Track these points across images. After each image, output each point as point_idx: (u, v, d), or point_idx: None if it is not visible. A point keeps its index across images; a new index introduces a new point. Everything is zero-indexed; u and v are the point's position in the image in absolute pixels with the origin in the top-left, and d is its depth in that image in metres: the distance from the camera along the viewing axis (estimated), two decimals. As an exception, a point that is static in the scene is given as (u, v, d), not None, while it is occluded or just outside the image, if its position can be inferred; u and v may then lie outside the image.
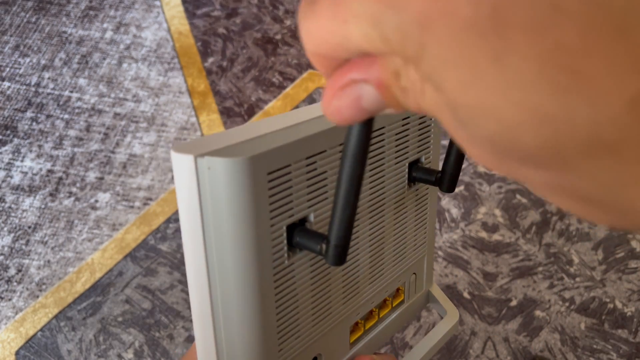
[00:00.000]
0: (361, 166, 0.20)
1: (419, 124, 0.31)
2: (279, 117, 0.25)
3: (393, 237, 0.31)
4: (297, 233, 0.24)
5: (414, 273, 0.35)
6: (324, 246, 0.23)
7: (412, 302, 0.35)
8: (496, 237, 1.09)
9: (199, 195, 0.22)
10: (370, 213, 0.29)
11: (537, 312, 0.99)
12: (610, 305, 1.00)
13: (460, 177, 1.17)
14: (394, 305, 0.34)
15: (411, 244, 0.33)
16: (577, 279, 1.03)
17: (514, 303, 1.00)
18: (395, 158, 0.30)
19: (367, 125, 0.19)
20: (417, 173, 0.31)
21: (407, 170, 0.31)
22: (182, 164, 0.22)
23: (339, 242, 0.22)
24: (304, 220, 0.25)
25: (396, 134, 0.29)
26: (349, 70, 0.15)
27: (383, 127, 0.28)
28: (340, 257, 0.23)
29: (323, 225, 0.26)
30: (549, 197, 0.13)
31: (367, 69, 0.15)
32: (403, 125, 0.30)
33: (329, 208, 0.26)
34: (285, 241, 0.24)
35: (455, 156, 0.28)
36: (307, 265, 0.26)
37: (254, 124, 0.24)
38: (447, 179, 0.29)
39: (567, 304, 1.00)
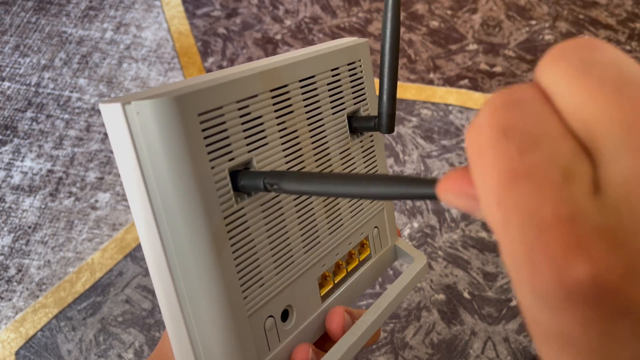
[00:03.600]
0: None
1: (350, 76, 0.32)
2: (222, 70, 0.26)
3: None
4: (242, 176, 0.24)
5: (376, 227, 0.35)
6: (267, 184, 0.24)
7: (380, 256, 0.36)
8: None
9: (132, 143, 0.22)
10: (317, 162, 0.30)
11: (537, 312, 0.99)
12: (611, 305, 1.00)
13: (460, 177, 1.17)
14: (361, 259, 0.35)
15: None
16: (577, 279, 1.03)
17: (514, 303, 1.00)
18: (332, 109, 0.31)
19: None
20: (357, 123, 0.32)
21: (346, 122, 0.32)
22: (111, 115, 0.22)
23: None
24: (247, 167, 0.25)
25: (328, 84, 0.30)
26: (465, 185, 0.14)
27: (313, 76, 0.29)
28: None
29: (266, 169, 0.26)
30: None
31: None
32: (333, 77, 0.31)
33: (270, 153, 0.26)
34: (230, 185, 0.24)
35: (388, 96, 0.29)
36: (259, 210, 0.26)
37: (193, 77, 0.25)
38: (384, 120, 0.30)
39: (567, 304, 1.00)
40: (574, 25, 1.49)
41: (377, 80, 0.31)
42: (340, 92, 0.31)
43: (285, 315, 0.29)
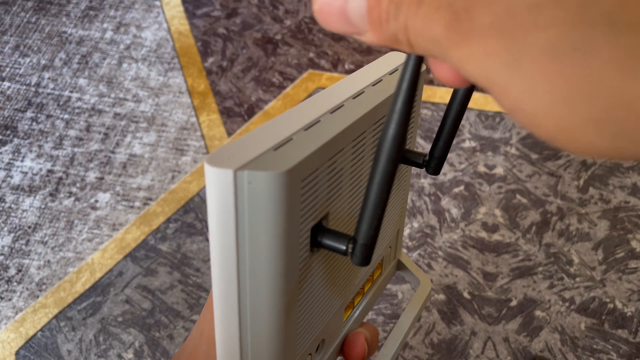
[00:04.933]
0: (394, 165, 0.21)
1: None
2: (293, 113, 0.25)
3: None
4: (321, 234, 0.24)
5: (390, 246, 0.36)
6: (350, 246, 0.23)
7: (388, 272, 0.37)
8: (496, 237, 1.09)
9: (235, 208, 0.22)
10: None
11: (537, 312, 0.99)
12: (610, 305, 1.00)
13: (460, 177, 1.17)
14: (374, 278, 0.35)
15: (392, 221, 0.34)
16: (577, 279, 1.03)
17: (514, 303, 1.00)
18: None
19: (403, 133, 0.20)
20: (405, 155, 0.32)
21: None
22: (219, 178, 0.21)
23: (367, 242, 0.22)
24: (322, 220, 0.25)
25: (376, 125, 0.30)
26: None
27: (384, 117, 0.28)
28: (367, 257, 0.23)
29: (338, 222, 0.26)
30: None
31: None
32: (383, 117, 0.30)
33: (344, 204, 0.26)
34: (308, 241, 0.24)
35: (445, 141, 0.29)
36: (323, 261, 0.26)
37: (272, 123, 0.24)
38: (434, 163, 0.30)
39: (567, 304, 1.00)
40: (574, 25, 1.49)
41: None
42: None
43: (318, 348, 0.29)
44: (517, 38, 0.13)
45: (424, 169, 0.30)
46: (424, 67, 0.31)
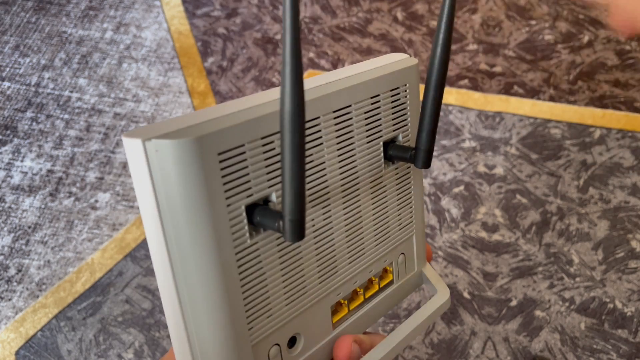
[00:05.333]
0: (301, 130, 0.21)
1: (392, 102, 0.30)
2: (238, 100, 0.25)
3: (372, 217, 0.31)
4: (257, 212, 0.24)
5: (403, 253, 0.34)
6: (281, 223, 0.23)
7: (403, 282, 0.35)
8: (496, 237, 1.09)
9: (151, 179, 0.22)
10: (344, 191, 0.29)
11: (537, 312, 0.99)
12: (610, 305, 1.00)
13: (460, 177, 1.17)
14: (381, 285, 0.33)
15: (395, 224, 0.33)
16: (577, 279, 1.03)
17: (514, 303, 1.00)
18: (367, 137, 0.29)
19: (300, 93, 0.20)
20: (393, 151, 0.31)
21: (381, 149, 0.30)
22: (132, 148, 0.22)
23: (293, 217, 0.22)
24: (267, 201, 0.25)
25: (365, 113, 0.29)
26: None
27: (349, 106, 0.28)
28: (297, 232, 0.22)
29: None
30: None
31: None
32: (372, 104, 0.29)
33: None
34: (245, 221, 0.24)
35: (427, 131, 0.28)
36: (275, 244, 0.26)
37: (210, 108, 0.24)
38: (421, 155, 0.29)
39: (567, 304, 1.00)
40: (573, 25, 1.49)
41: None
42: (379, 119, 0.30)
43: (292, 342, 0.28)
44: None
45: (413, 163, 0.30)
46: (415, 61, 0.31)
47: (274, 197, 0.25)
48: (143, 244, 1.07)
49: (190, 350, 0.25)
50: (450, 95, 1.32)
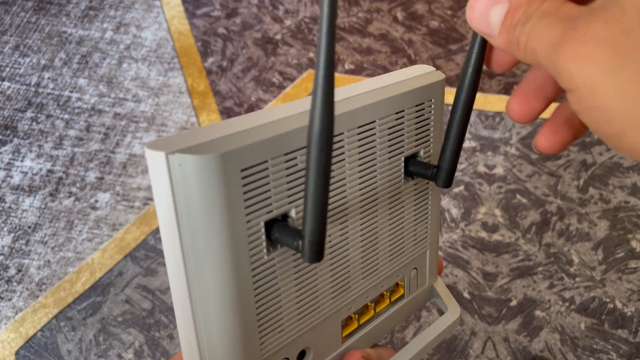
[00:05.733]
0: (328, 153, 0.20)
1: (416, 117, 0.30)
2: (260, 113, 0.25)
3: (388, 232, 0.31)
4: (276, 229, 0.24)
5: (415, 268, 0.34)
6: (300, 242, 0.23)
7: (415, 296, 0.34)
8: (496, 237, 1.09)
9: (172, 192, 0.22)
10: (362, 207, 0.28)
11: (537, 312, 0.99)
12: (610, 305, 1.00)
13: (460, 177, 1.17)
14: (392, 300, 0.33)
15: (410, 239, 0.32)
16: (577, 279, 1.03)
17: (514, 303, 1.00)
18: (389, 152, 0.29)
19: (330, 116, 0.20)
20: (414, 167, 0.30)
21: (402, 164, 0.30)
22: (154, 161, 0.22)
23: (313, 238, 0.22)
24: (286, 216, 0.25)
25: (389, 128, 0.28)
26: None
27: (374, 121, 0.27)
28: (316, 253, 0.22)
29: None
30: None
31: None
32: (397, 120, 0.29)
33: None
34: (263, 237, 0.24)
35: (452, 151, 0.27)
36: (291, 260, 0.25)
37: (233, 120, 0.24)
38: (442, 174, 0.28)
39: (567, 304, 1.00)
40: (574, 25, 1.49)
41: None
42: (402, 134, 0.29)
43: (302, 355, 0.28)
44: (624, 52, 0.17)
45: (433, 181, 0.29)
46: (442, 77, 0.30)
47: (293, 213, 0.25)
48: (143, 244, 1.07)
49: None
50: (451, 96, 1.32)
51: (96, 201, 1.13)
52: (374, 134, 0.28)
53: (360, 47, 1.43)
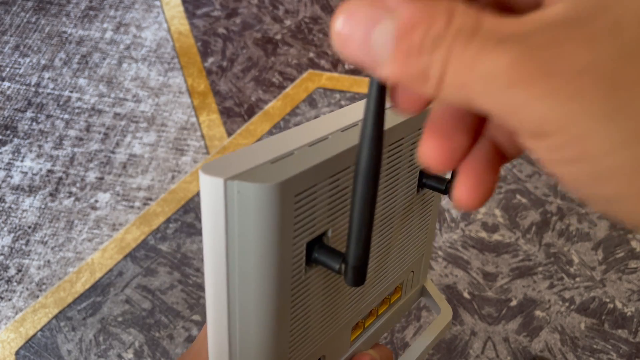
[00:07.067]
0: (375, 184, 0.20)
1: None
2: (298, 131, 0.25)
3: (399, 241, 0.31)
4: (317, 250, 0.24)
5: (412, 271, 0.35)
6: (343, 266, 0.23)
7: (409, 296, 0.36)
8: (496, 237, 1.09)
9: (225, 217, 0.22)
10: (381, 221, 0.29)
11: (537, 312, 0.99)
12: (610, 305, 1.00)
13: (460, 177, 1.17)
14: (392, 301, 0.34)
15: (414, 246, 0.33)
16: (577, 279, 1.03)
17: (514, 303, 1.00)
18: (409, 167, 0.29)
19: (378, 146, 0.18)
20: (428, 180, 0.30)
21: (417, 177, 0.30)
22: (211, 187, 0.22)
23: (357, 264, 0.22)
24: (321, 235, 0.25)
25: (412, 144, 0.29)
26: None
27: (402, 139, 0.27)
28: (359, 278, 0.22)
29: (339, 239, 0.26)
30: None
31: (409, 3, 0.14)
32: (419, 135, 0.29)
33: (344, 222, 0.26)
34: (304, 258, 0.24)
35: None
36: (322, 277, 0.26)
37: (275, 139, 0.24)
38: None
39: (567, 304, 1.00)
40: (573, 25, 1.49)
41: None
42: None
43: None
44: (623, 85, 0.12)
45: (447, 195, 0.29)
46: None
47: (330, 232, 0.25)
48: (143, 244, 1.07)
49: None
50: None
51: (96, 201, 1.13)
52: (401, 150, 0.28)
53: (360, 47, 1.43)
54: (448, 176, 0.32)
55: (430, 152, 0.17)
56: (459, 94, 0.14)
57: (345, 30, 0.14)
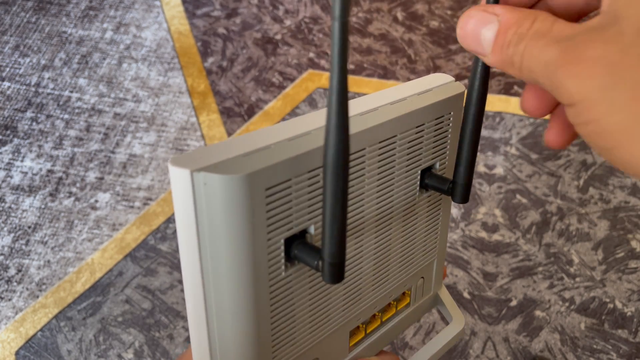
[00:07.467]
0: (344, 177, 0.20)
1: (435, 130, 0.29)
2: (280, 127, 0.24)
3: (401, 244, 0.30)
4: (296, 246, 0.24)
5: (422, 277, 0.34)
6: (320, 263, 0.23)
7: (420, 304, 0.34)
8: (496, 237, 1.09)
9: (194, 209, 0.22)
10: (377, 222, 0.28)
11: (537, 312, 0.99)
12: (610, 305, 1.00)
13: (460, 177, 1.17)
14: (398, 308, 0.33)
15: (420, 250, 0.32)
16: (577, 279, 1.03)
17: (514, 303, 1.00)
18: (407, 166, 0.29)
19: (345, 142, 0.19)
20: (430, 180, 0.30)
21: (419, 177, 0.30)
22: (178, 178, 0.21)
23: (333, 260, 0.22)
24: (304, 232, 0.25)
25: (409, 142, 0.28)
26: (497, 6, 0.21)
27: (395, 136, 0.27)
28: (337, 275, 0.22)
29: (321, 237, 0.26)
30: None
31: (509, 13, 0.21)
32: (417, 134, 0.28)
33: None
34: (282, 254, 0.24)
35: (466, 166, 0.27)
36: (307, 276, 0.25)
37: (255, 133, 0.23)
38: (459, 190, 0.28)
39: (567, 304, 1.00)
40: (573, 25, 1.49)
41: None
42: (420, 147, 0.29)
43: None
44: (619, 70, 0.17)
45: (450, 196, 0.29)
46: (462, 89, 0.30)
47: (312, 230, 0.25)
48: (143, 244, 1.07)
49: None
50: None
51: (96, 201, 1.13)
52: (394, 148, 0.27)
53: (360, 47, 1.43)
54: (450, 174, 0.31)
55: (529, 103, 0.24)
56: (530, 75, 0.20)
57: (464, 27, 0.22)
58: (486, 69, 0.24)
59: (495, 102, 1.31)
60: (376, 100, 0.27)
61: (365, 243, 0.28)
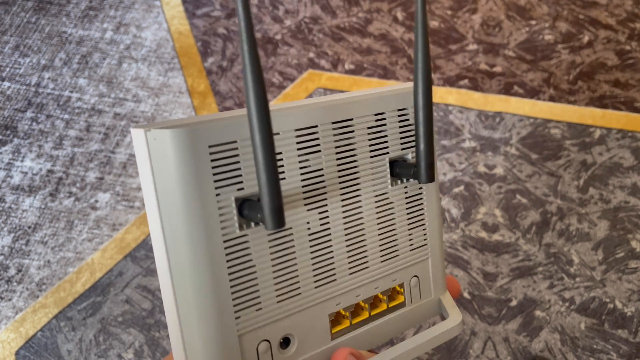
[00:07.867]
0: (265, 129, 0.23)
1: (399, 121, 0.32)
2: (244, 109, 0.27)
3: (377, 232, 0.32)
4: (246, 206, 0.26)
5: (416, 276, 0.34)
6: (261, 214, 0.25)
7: (417, 307, 0.35)
8: (496, 237, 1.09)
9: (150, 165, 0.25)
10: (344, 200, 0.30)
11: (537, 312, 0.99)
12: (610, 305, 1.00)
13: (460, 177, 1.17)
14: (390, 306, 0.33)
15: (405, 244, 0.33)
16: (577, 279, 1.03)
17: (514, 303, 1.00)
18: (371, 152, 0.31)
19: (262, 95, 0.22)
20: (398, 169, 0.32)
21: (387, 167, 0.32)
22: (136, 138, 0.25)
23: (270, 205, 0.24)
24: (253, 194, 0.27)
25: (368, 128, 0.30)
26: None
27: (350, 119, 0.30)
28: (276, 220, 0.24)
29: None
30: None
31: None
32: (377, 121, 0.31)
33: (287, 188, 0.28)
34: (234, 211, 0.26)
35: (425, 143, 0.29)
36: (266, 240, 0.27)
37: (231, 111, 0.26)
38: (422, 170, 0.29)
39: (567, 304, 1.00)
40: (574, 25, 1.49)
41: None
42: (384, 136, 0.31)
43: (286, 343, 0.29)
44: None
45: (417, 179, 0.30)
46: None
47: None
48: (143, 244, 1.07)
49: (181, 332, 0.26)
50: (450, 95, 1.32)
51: (96, 201, 1.13)
52: (352, 131, 0.30)
53: (360, 47, 1.43)
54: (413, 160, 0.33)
55: None
56: None
57: None
58: (426, 41, 0.26)
59: (495, 102, 1.31)
60: (342, 95, 0.30)
61: (333, 219, 0.30)
